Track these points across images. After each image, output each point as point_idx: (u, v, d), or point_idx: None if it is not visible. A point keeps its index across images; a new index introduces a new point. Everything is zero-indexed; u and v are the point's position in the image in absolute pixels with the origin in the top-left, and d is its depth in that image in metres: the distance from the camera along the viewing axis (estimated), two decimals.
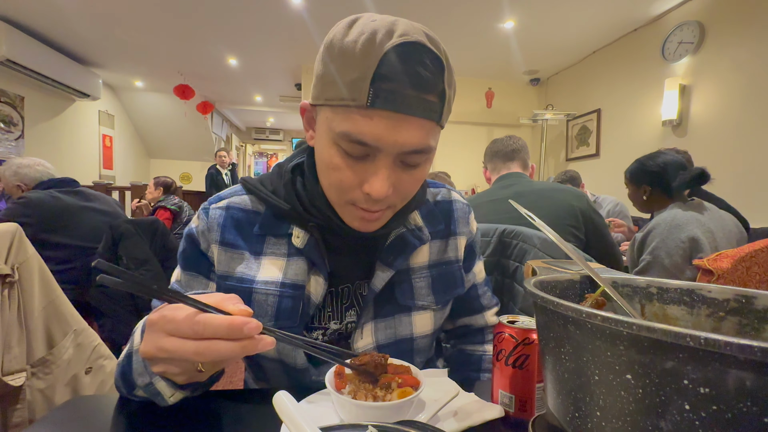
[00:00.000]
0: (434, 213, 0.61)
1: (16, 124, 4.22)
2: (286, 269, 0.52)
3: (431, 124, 0.44)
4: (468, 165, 4.93)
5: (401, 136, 0.42)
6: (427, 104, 0.42)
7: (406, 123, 0.42)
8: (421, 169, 0.48)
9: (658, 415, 0.20)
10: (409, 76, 0.40)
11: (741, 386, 0.17)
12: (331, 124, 0.44)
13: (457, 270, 0.62)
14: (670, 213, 1.34)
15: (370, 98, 0.40)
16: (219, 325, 0.32)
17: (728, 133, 2.78)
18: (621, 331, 0.20)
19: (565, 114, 4.26)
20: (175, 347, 0.33)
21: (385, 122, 0.41)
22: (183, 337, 0.33)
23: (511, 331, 0.44)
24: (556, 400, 0.27)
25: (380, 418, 0.37)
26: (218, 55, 4.52)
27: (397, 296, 0.56)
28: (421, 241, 0.57)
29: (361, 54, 0.40)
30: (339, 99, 0.42)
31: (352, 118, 0.42)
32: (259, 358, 0.55)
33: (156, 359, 0.36)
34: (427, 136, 0.44)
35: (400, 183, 0.46)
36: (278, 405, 0.33)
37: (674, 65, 3.18)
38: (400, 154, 0.44)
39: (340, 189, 0.47)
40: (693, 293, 0.35)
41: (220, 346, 0.32)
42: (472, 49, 4.07)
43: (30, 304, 0.90)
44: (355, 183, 0.45)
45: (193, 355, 0.33)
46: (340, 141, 0.44)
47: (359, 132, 0.42)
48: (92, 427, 0.41)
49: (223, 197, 0.56)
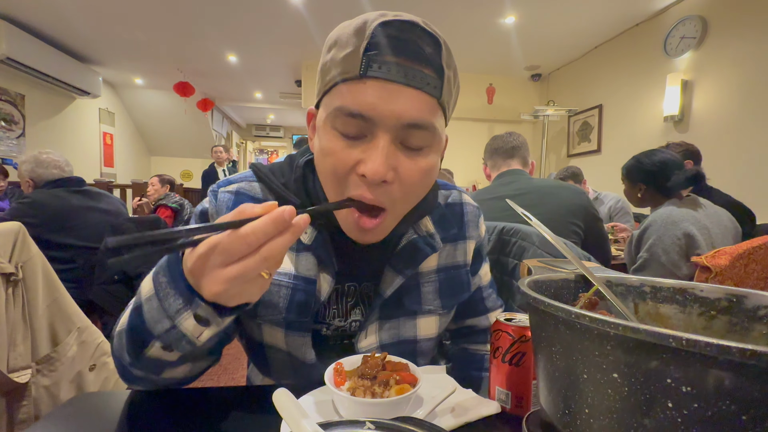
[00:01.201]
0: (447, 217, 0.60)
1: (17, 122, 4.23)
2: (297, 263, 0.52)
3: (431, 100, 0.42)
4: (468, 161, 4.92)
5: (398, 105, 0.40)
6: (423, 76, 0.40)
7: (402, 93, 0.40)
8: (424, 156, 0.44)
9: (642, 412, 0.20)
10: (404, 45, 0.40)
11: (720, 385, 0.18)
12: (328, 107, 0.43)
13: (464, 274, 0.61)
14: (665, 210, 1.35)
15: (363, 67, 0.39)
16: (264, 226, 0.31)
17: (730, 129, 2.77)
18: (608, 331, 0.21)
19: (566, 110, 4.24)
20: (240, 270, 0.32)
21: (379, 91, 0.39)
22: (240, 258, 0.32)
23: (508, 328, 0.45)
24: (548, 398, 0.28)
25: (378, 414, 0.38)
26: (218, 51, 4.51)
27: (404, 301, 0.56)
28: (432, 249, 0.56)
29: (353, 32, 0.41)
30: (334, 78, 0.42)
31: (347, 90, 0.41)
32: (266, 350, 0.55)
33: (226, 294, 0.34)
34: (427, 110, 0.41)
35: (401, 169, 0.43)
36: (278, 402, 0.34)
37: (676, 60, 3.17)
38: (398, 129, 0.41)
39: (335, 177, 0.44)
40: (685, 292, 0.36)
41: (277, 243, 0.32)
42: (473, 44, 4.05)
43: (34, 303, 0.92)
44: (350, 165, 0.42)
45: (262, 263, 0.32)
46: (336, 120, 0.42)
47: (353, 103, 0.40)
48: (97, 424, 0.42)
49: (232, 181, 0.55)
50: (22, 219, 1.53)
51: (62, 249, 1.64)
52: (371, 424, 0.31)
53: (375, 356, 0.45)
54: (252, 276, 0.33)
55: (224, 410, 0.45)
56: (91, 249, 1.71)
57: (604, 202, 2.83)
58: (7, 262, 0.87)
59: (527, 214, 0.41)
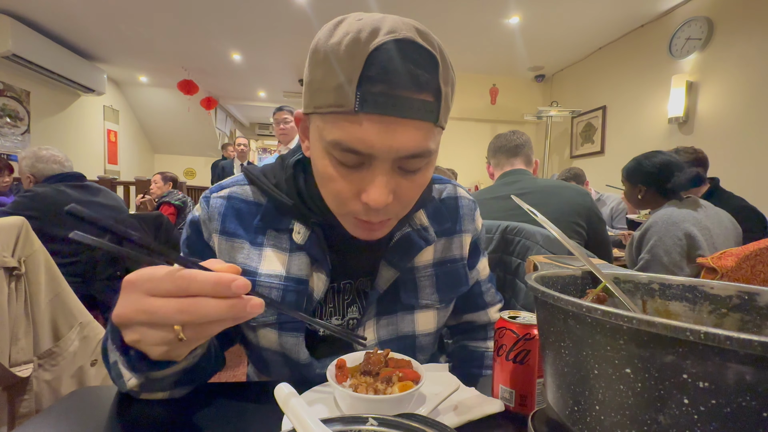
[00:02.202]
0: (441, 211, 0.60)
1: (22, 118, 4.25)
2: (289, 264, 0.52)
3: (428, 125, 0.41)
4: (471, 162, 4.91)
5: (395, 140, 0.39)
6: (421, 104, 0.39)
7: (399, 126, 0.39)
8: (422, 174, 0.45)
9: (656, 409, 0.20)
10: (399, 76, 0.37)
11: (741, 381, 0.17)
12: (322, 133, 0.42)
13: (461, 268, 0.61)
14: (665, 211, 1.34)
15: (358, 103, 0.37)
16: (204, 281, 0.29)
17: (736, 131, 2.75)
18: (621, 325, 0.20)
19: (569, 111, 4.23)
20: (155, 306, 0.30)
21: (376, 127, 0.38)
22: (165, 295, 0.30)
23: (513, 326, 0.44)
24: (556, 395, 0.27)
25: (381, 411, 0.38)
26: (222, 50, 4.52)
27: (401, 296, 0.56)
28: (426, 242, 0.56)
29: (345, 56, 0.38)
30: (327, 106, 0.40)
31: (342, 125, 0.39)
32: (262, 351, 0.55)
33: (132, 323, 0.32)
34: (424, 138, 0.41)
35: (401, 190, 0.43)
36: (280, 397, 0.34)
37: (681, 62, 3.15)
38: (397, 159, 0.41)
39: (337, 200, 0.45)
40: (695, 290, 0.35)
41: (205, 303, 0.29)
42: (477, 45, 4.04)
43: (36, 297, 0.92)
44: (353, 193, 0.43)
45: (176, 314, 0.29)
46: (332, 150, 0.41)
47: (349, 140, 0.39)
48: (97, 418, 0.42)
49: (224, 186, 0.55)
50: (24, 212, 1.55)
51: (64, 243, 1.65)
52: (374, 420, 0.31)
53: (378, 353, 0.45)
54: (161, 320, 0.30)
55: (226, 405, 0.44)
56: None
57: (606, 203, 2.82)
58: (10, 256, 0.87)
59: (533, 211, 0.40)
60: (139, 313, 0.31)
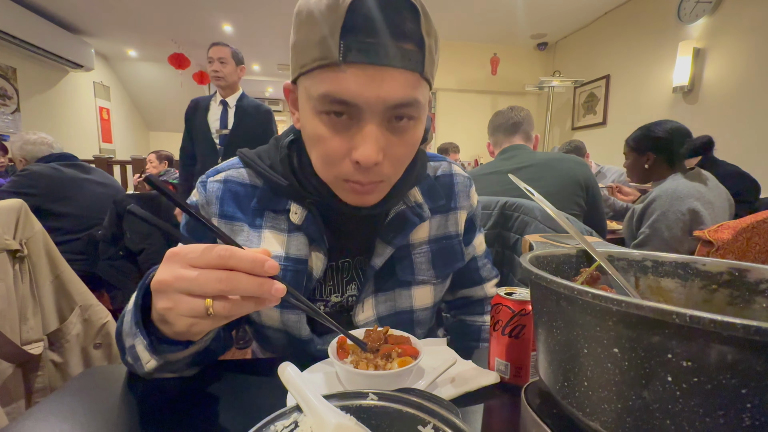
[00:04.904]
0: (435, 188, 0.61)
1: (11, 97, 4.14)
2: (288, 245, 0.53)
3: (414, 75, 0.41)
4: (472, 135, 4.84)
5: (382, 89, 0.39)
6: (404, 53, 0.39)
7: (386, 74, 0.39)
8: (411, 133, 0.45)
9: (641, 385, 0.21)
10: (381, 24, 0.37)
11: (722, 360, 0.18)
12: (310, 91, 0.42)
13: (457, 244, 0.62)
14: (671, 184, 1.33)
15: (342, 53, 0.38)
16: (243, 257, 0.32)
17: (742, 99, 2.70)
18: (610, 307, 0.21)
19: (572, 81, 4.12)
20: (196, 274, 0.32)
21: (362, 76, 0.39)
22: (205, 266, 0.32)
23: (509, 302, 0.46)
24: (547, 370, 0.28)
25: (381, 386, 0.39)
26: (212, 21, 4.35)
27: (397, 272, 0.57)
28: (421, 219, 0.57)
29: (326, 10, 0.38)
30: (312, 61, 0.40)
31: (328, 77, 0.40)
32: (265, 329, 0.57)
33: (170, 290, 0.33)
34: (411, 88, 0.41)
35: (391, 149, 0.43)
36: (283, 375, 0.35)
37: (690, 27, 3.04)
38: (385, 111, 0.41)
39: (328, 162, 0.45)
40: (687, 266, 0.36)
41: (241, 277, 0.32)
42: (477, 12, 3.88)
43: (39, 279, 0.93)
44: (343, 152, 0.43)
45: (215, 282, 0.31)
46: (321, 106, 0.41)
47: (337, 90, 0.39)
48: (109, 395, 0.44)
49: (220, 170, 0.56)
50: (21, 190, 1.58)
51: (63, 218, 1.71)
52: (374, 395, 0.32)
53: (377, 330, 0.46)
54: (199, 288, 0.32)
55: (231, 382, 0.46)
56: (91, 219, 1.77)
57: (606, 175, 2.80)
58: (12, 239, 0.88)
59: (530, 189, 0.40)
60: (180, 279, 0.32)
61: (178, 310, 0.33)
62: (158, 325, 0.38)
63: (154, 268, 0.39)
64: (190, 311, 0.33)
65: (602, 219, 1.38)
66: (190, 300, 0.33)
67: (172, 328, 0.36)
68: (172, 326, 0.36)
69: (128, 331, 0.40)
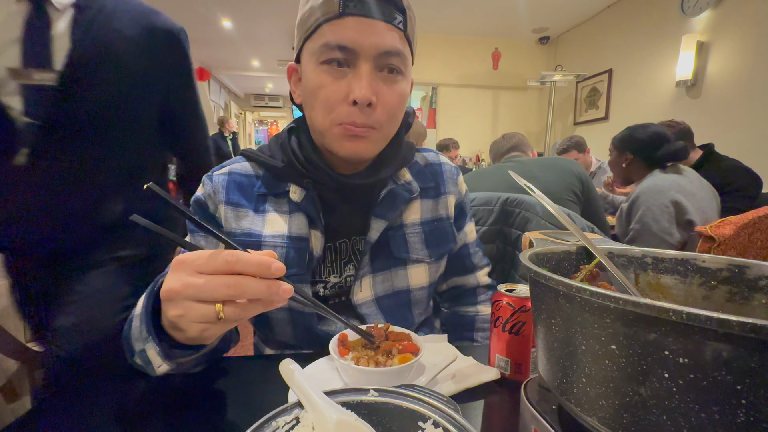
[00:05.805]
0: (424, 172, 0.66)
1: None
2: (290, 224, 0.56)
3: (399, 33, 0.51)
4: (473, 130, 4.82)
5: (375, 36, 0.48)
6: (390, 11, 0.49)
7: (377, 26, 0.49)
8: (400, 84, 0.52)
9: (638, 382, 0.21)
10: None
11: (718, 357, 0.18)
12: (313, 48, 0.50)
13: (448, 226, 0.66)
14: (651, 180, 1.40)
15: (341, 7, 0.48)
16: (249, 261, 0.33)
17: (746, 94, 2.67)
18: (608, 305, 0.21)
19: (574, 75, 4.09)
20: (204, 281, 0.33)
21: (358, 26, 0.48)
22: (213, 272, 0.33)
23: (509, 299, 0.46)
24: (546, 367, 0.29)
25: (381, 383, 0.40)
26: (211, 16, 4.32)
27: (392, 249, 0.60)
28: (410, 193, 0.61)
29: None
30: (315, 21, 0.49)
31: (330, 29, 0.48)
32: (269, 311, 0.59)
33: (180, 298, 0.34)
34: (399, 40, 0.50)
35: (381, 94, 0.51)
36: (284, 372, 0.36)
37: (693, 20, 3.01)
38: (377, 57, 0.49)
39: (327, 107, 0.50)
40: (687, 263, 0.36)
41: (249, 281, 0.32)
42: (478, 6, 3.85)
43: None
44: (341, 96, 0.50)
45: (223, 288, 0.32)
46: (322, 55, 0.49)
47: (337, 38, 0.48)
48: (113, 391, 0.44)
49: (224, 165, 0.61)
50: None
51: None
52: (375, 391, 0.32)
53: (378, 326, 0.46)
54: (208, 294, 0.33)
55: (233, 379, 0.47)
56: None
57: (606, 171, 2.79)
58: None
59: (529, 185, 0.41)
60: (189, 287, 0.33)
61: (189, 317, 0.34)
62: (170, 331, 0.39)
63: (161, 275, 0.39)
64: (201, 317, 0.34)
65: (599, 211, 1.45)
66: (200, 306, 0.33)
67: (184, 334, 0.37)
68: (184, 332, 0.37)
69: (138, 336, 0.41)
